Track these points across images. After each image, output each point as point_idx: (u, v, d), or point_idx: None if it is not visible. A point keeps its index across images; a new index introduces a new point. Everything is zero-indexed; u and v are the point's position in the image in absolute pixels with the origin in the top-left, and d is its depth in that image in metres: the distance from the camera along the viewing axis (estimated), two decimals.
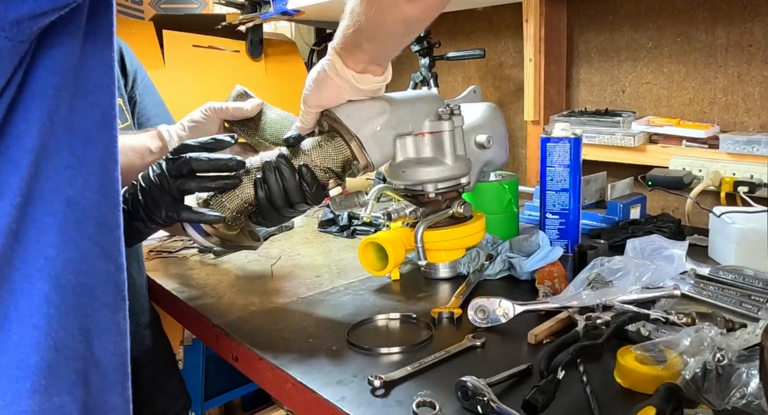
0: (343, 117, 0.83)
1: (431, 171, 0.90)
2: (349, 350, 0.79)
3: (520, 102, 1.65)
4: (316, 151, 0.81)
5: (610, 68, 1.53)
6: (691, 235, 1.16)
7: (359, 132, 0.83)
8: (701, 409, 0.60)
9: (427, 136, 0.90)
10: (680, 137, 1.30)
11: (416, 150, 0.91)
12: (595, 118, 1.41)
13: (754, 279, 0.87)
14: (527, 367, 0.70)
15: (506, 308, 0.82)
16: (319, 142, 0.82)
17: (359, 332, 0.84)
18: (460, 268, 1.02)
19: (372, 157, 0.84)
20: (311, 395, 0.69)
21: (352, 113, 0.83)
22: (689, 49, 1.38)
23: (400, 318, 0.88)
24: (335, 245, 1.26)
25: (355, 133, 0.82)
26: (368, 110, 0.84)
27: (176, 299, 1.00)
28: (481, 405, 0.62)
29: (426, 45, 1.66)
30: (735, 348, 0.65)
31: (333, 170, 0.82)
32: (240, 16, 1.80)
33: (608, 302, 0.79)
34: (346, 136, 0.82)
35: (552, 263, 0.96)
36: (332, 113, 0.83)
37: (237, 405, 1.89)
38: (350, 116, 0.83)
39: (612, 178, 1.34)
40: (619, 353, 0.69)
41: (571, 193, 1.09)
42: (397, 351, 0.77)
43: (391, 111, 0.86)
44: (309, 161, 0.81)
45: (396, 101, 0.88)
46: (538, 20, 1.52)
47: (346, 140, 0.82)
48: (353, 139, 0.82)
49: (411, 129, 0.89)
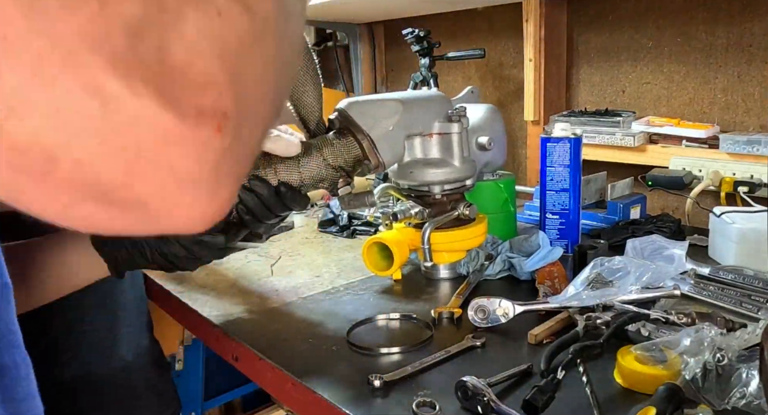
0: (356, 115, 0.82)
1: (439, 173, 0.90)
2: (349, 350, 0.79)
3: (520, 102, 1.65)
4: (328, 149, 0.79)
5: (610, 68, 1.53)
6: (691, 235, 1.16)
7: (372, 131, 0.82)
8: (701, 409, 0.60)
9: (435, 137, 0.90)
10: (680, 137, 1.30)
11: (424, 151, 0.90)
12: (595, 118, 1.41)
13: (754, 279, 0.87)
14: (527, 367, 0.70)
15: (506, 308, 0.82)
16: (330, 140, 0.80)
17: (359, 332, 0.84)
18: (460, 268, 1.02)
19: (383, 156, 0.83)
20: (311, 395, 0.69)
21: (366, 112, 0.82)
22: (689, 49, 1.38)
23: (400, 318, 0.88)
24: (335, 245, 1.26)
25: (368, 132, 0.81)
26: (381, 110, 0.84)
27: (176, 299, 1.00)
28: (481, 405, 0.62)
29: (426, 45, 1.66)
30: (735, 348, 0.65)
31: (343, 169, 0.80)
32: None
33: (608, 302, 0.79)
34: (358, 134, 0.81)
35: (552, 263, 0.96)
36: (344, 112, 0.82)
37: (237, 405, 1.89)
38: (363, 115, 0.82)
39: (612, 178, 1.34)
40: (619, 353, 0.69)
41: (571, 193, 1.09)
42: (397, 351, 0.77)
43: (404, 111, 0.85)
44: (321, 159, 0.78)
45: (408, 101, 0.87)
46: (538, 20, 1.52)
47: (358, 139, 0.81)
48: (365, 138, 0.81)
49: (421, 130, 0.89)
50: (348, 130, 0.82)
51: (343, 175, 0.81)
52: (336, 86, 2.29)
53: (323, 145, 0.80)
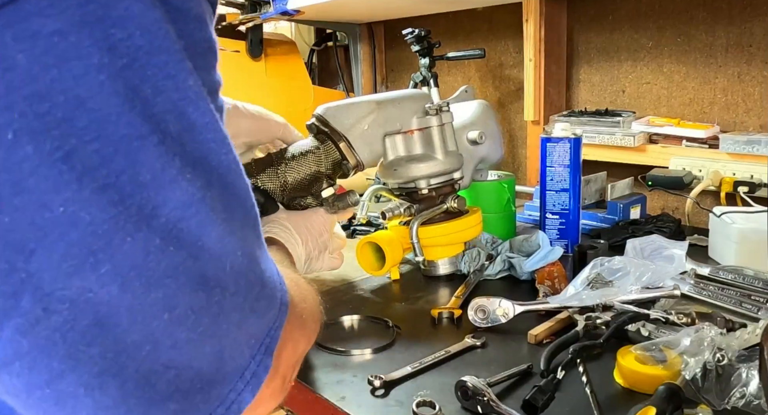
0: (331, 119, 0.85)
1: (422, 167, 0.92)
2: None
3: (520, 102, 1.65)
4: (310, 155, 0.83)
5: (610, 68, 1.53)
6: (691, 235, 1.16)
7: (348, 133, 0.85)
8: (701, 409, 0.60)
9: (416, 133, 0.92)
10: (680, 137, 1.30)
11: (406, 148, 0.92)
12: (595, 118, 1.41)
13: (754, 279, 0.87)
14: (527, 367, 0.70)
15: (506, 308, 0.82)
16: (305, 150, 0.83)
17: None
18: (460, 266, 1.02)
19: (361, 155, 0.86)
20: (311, 395, 0.69)
21: (339, 114, 0.86)
22: (689, 49, 1.38)
23: (365, 320, 0.88)
24: None
25: (344, 134, 0.85)
26: (356, 111, 0.87)
27: None
28: (481, 405, 0.62)
29: (426, 45, 1.66)
30: (735, 348, 0.65)
31: (323, 173, 0.83)
32: (240, 16, 1.80)
33: (608, 302, 0.79)
34: (334, 137, 0.84)
35: (552, 263, 0.96)
36: (321, 116, 0.86)
37: None
38: (337, 118, 0.85)
39: (612, 178, 1.34)
40: (619, 353, 0.69)
41: (571, 193, 1.09)
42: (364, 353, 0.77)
43: (378, 110, 0.88)
44: (291, 170, 0.82)
45: (383, 101, 0.90)
46: (538, 20, 1.52)
47: (335, 141, 0.84)
48: (342, 140, 0.84)
49: (399, 127, 0.91)
50: (325, 134, 0.85)
51: (324, 179, 0.84)
52: (336, 86, 2.29)
53: (302, 153, 0.83)
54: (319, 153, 0.83)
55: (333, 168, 0.84)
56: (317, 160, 0.83)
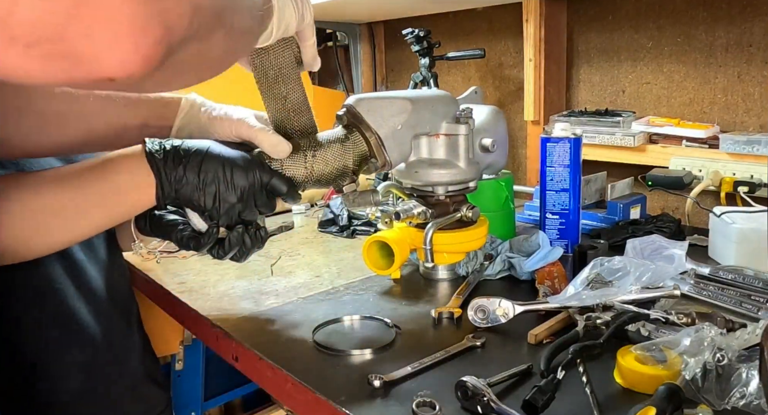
0: (365, 112, 0.81)
1: (444, 174, 0.90)
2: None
3: (520, 102, 1.65)
4: (336, 145, 0.78)
5: (610, 68, 1.53)
6: (691, 235, 1.16)
7: (380, 129, 0.81)
8: (701, 409, 0.60)
9: (442, 137, 0.90)
10: (680, 137, 1.30)
11: (430, 151, 0.90)
12: (595, 118, 1.42)
13: (754, 279, 0.87)
14: (527, 367, 0.70)
15: (506, 308, 0.82)
16: (337, 137, 0.79)
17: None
18: (458, 269, 1.02)
19: (390, 155, 0.82)
20: (311, 395, 0.69)
21: (374, 109, 0.81)
22: (689, 49, 1.38)
23: (365, 320, 0.88)
24: (335, 245, 1.26)
25: (376, 130, 0.81)
26: (390, 107, 0.83)
27: (176, 299, 1.00)
28: (481, 405, 0.62)
29: (426, 45, 1.66)
30: (735, 348, 0.65)
31: (348, 167, 0.79)
32: None
33: (608, 302, 0.79)
34: (366, 132, 0.80)
35: (552, 263, 0.96)
36: (353, 108, 0.81)
37: (237, 405, 1.89)
38: (371, 112, 0.81)
39: (612, 178, 1.34)
40: (619, 353, 0.69)
41: (571, 193, 1.09)
42: (363, 353, 0.77)
43: (413, 110, 0.85)
44: (319, 162, 0.77)
45: (417, 100, 0.86)
46: (538, 20, 1.52)
47: (366, 136, 0.80)
48: (373, 136, 0.80)
49: (428, 130, 0.88)
50: (355, 127, 0.81)
51: (348, 173, 0.80)
52: (336, 86, 2.29)
53: (330, 142, 0.79)
54: (348, 144, 0.79)
55: (359, 163, 0.80)
56: (345, 151, 0.78)
